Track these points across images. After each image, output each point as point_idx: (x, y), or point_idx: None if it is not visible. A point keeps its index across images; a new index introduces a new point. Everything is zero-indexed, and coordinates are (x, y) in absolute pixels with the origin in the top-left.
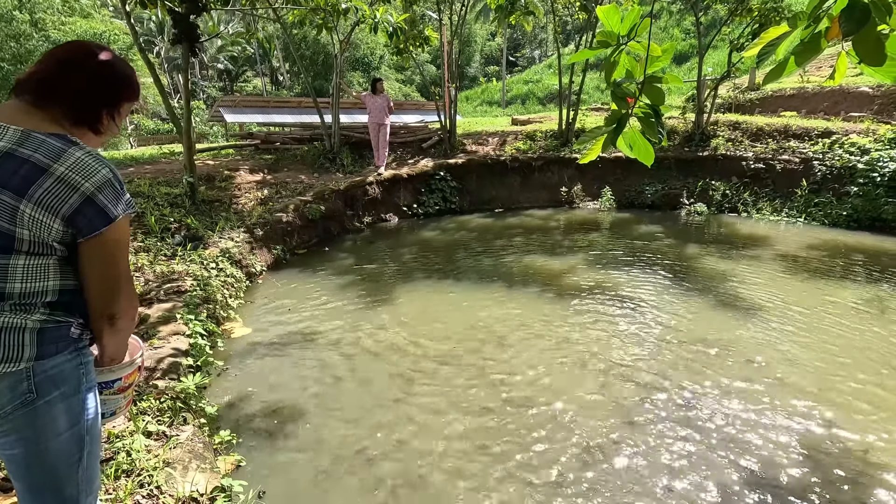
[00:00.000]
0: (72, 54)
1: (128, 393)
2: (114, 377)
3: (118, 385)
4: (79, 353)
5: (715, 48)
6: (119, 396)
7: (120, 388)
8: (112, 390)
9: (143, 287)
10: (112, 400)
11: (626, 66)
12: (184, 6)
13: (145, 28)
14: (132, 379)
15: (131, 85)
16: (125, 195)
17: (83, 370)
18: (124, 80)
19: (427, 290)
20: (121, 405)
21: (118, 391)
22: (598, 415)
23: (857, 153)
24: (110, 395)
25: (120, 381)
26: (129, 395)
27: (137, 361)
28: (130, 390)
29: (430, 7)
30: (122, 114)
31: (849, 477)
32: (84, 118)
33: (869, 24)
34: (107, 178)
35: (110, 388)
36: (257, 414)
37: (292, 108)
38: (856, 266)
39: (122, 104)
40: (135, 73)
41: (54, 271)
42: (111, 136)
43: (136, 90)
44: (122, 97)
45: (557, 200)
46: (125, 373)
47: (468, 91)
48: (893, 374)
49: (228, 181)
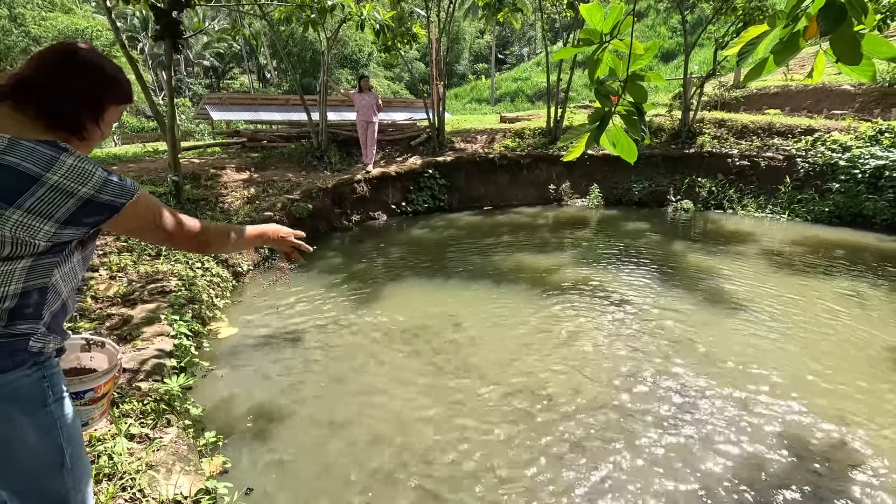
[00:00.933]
0: (49, 55)
1: (101, 403)
2: (83, 388)
3: (89, 396)
4: (40, 366)
5: (701, 46)
6: (91, 407)
7: (91, 399)
8: (83, 401)
9: (127, 287)
10: (84, 410)
11: (609, 63)
12: (166, 1)
13: (129, 24)
14: (105, 389)
15: (117, 87)
16: (125, 182)
17: (47, 383)
18: (108, 82)
19: (416, 289)
20: (93, 416)
21: (89, 402)
22: (583, 409)
23: (838, 150)
24: (81, 405)
25: (91, 391)
26: (102, 405)
27: (110, 374)
28: (104, 400)
29: (417, 4)
30: (109, 118)
31: (829, 467)
32: (64, 123)
33: (845, 24)
34: (103, 180)
35: (81, 398)
36: (244, 414)
37: (280, 105)
38: (837, 261)
39: (106, 108)
40: (122, 73)
41: (20, 275)
42: (98, 141)
43: (124, 92)
44: (106, 100)
45: (546, 198)
46: (96, 384)
47: (457, 88)
48: (872, 364)
49: (214, 180)
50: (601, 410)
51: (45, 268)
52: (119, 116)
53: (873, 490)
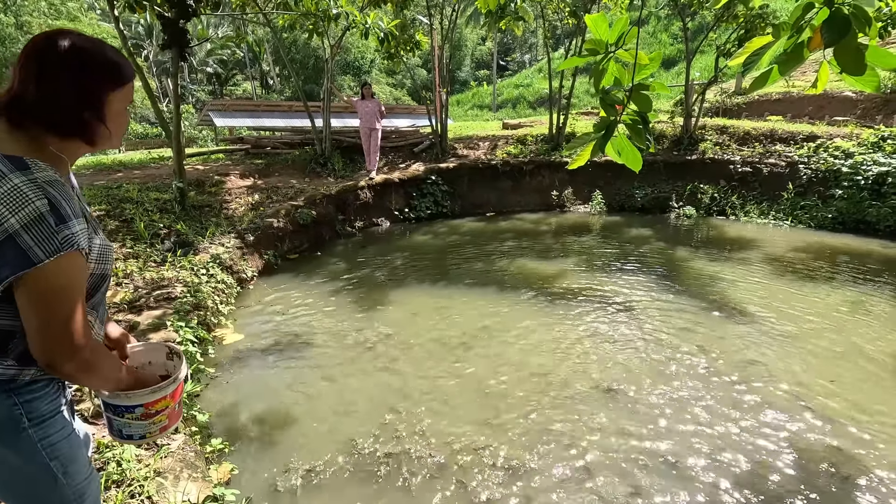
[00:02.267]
0: (28, 50)
1: (158, 419)
2: (130, 403)
3: (140, 412)
4: (11, 393)
5: (702, 53)
6: (144, 423)
7: (144, 415)
8: (134, 415)
9: (133, 294)
10: (138, 424)
11: (614, 73)
12: (173, 11)
13: (133, 31)
14: (160, 406)
15: (109, 70)
16: (63, 231)
17: (19, 410)
18: (99, 68)
19: (419, 295)
20: (151, 430)
21: (142, 417)
22: (586, 416)
23: (841, 157)
24: (133, 419)
25: (141, 407)
26: (160, 420)
27: (163, 391)
28: (162, 416)
29: (420, 12)
30: (115, 110)
31: (832, 474)
32: (61, 127)
33: (849, 35)
34: (36, 214)
35: (132, 412)
36: (250, 421)
37: (283, 111)
38: (841, 268)
39: (104, 97)
40: (111, 51)
41: None
42: (113, 139)
43: (121, 73)
44: (103, 88)
45: (548, 204)
46: (145, 400)
47: (459, 95)
48: (879, 371)
49: (219, 186)
50: (605, 417)
51: (10, 311)
52: (128, 100)
53: (880, 499)
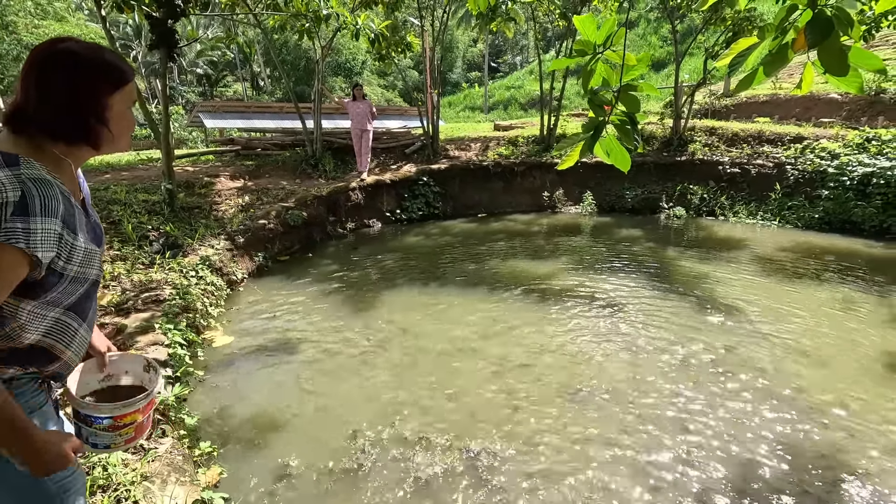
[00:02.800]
0: (30, 59)
1: (125, 431)
2: (100, 415)
3: (107, 423)
4: None
5: (691, 55)
6: (110, 434)
7: (112, 427)
8: (102, 426)
9: (121, 296)
10: (104, 434)
11: (602, 74)
12: (161, 11)
13: (122, 32)
14: (128, 420)
15: (108, 71)
16: (14, 223)
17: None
18: (95, 70)
19: (411, 297)
20: (116, 441)
21: (109, 428)
22: (577, 416)
23: (827, 158)
24: (100, 429)
25: (110, 419)
26: (126, 433)
27: (132, 406)
28: (129, 429)
29: (411, 13)
30: (117, 111)
31: (822, 473)
32: (63, 133)
33: (832, 36)
34: (1, 202)
35: (99, 423)
36: (239, 424)
37: (274, 113)
38: (828, 267)
39: (103, 100)
40: (113, 55)
41: None
42: (118, 141)
43: (120, 74)
44: (101, 91)
45: (540, 205)
46: (115, 413)
47: (451, 96)
48: (865, 369)
49: (208, 187)
50: (594, 416)
51: None
52: (131, 101)
53: (866, 496)
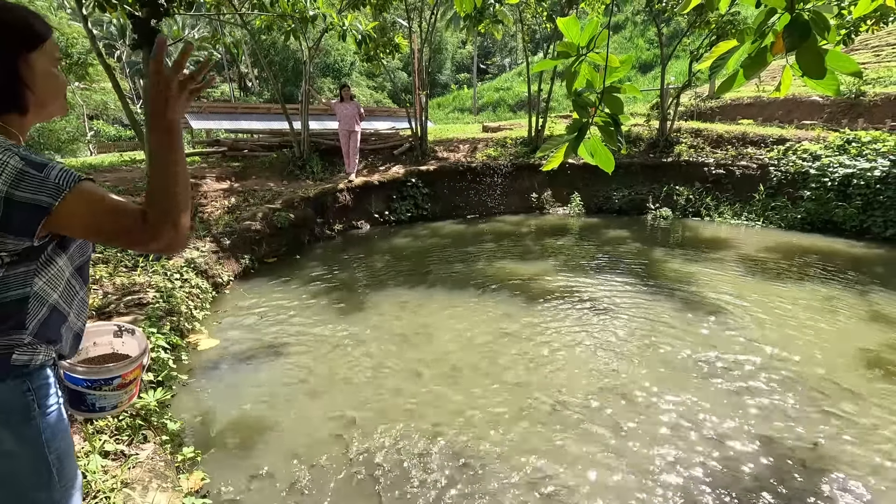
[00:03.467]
0: None
1: (129, 388)
2: (111, 375)
3: (117, 382)
4: (25, 378)
5: (677, 58)
6: (119, 392)
7: (119, 385)
8: (111, 386)
9: (102, 300)
10: (112, 395)
11: (586, 76)
12: (144, 10)
13: (105, 31)
14: (132, 376)
15: (18, 31)
16: (54, 170)
17: (32, 396)
18: (6, 29)
19: (399, 299)
20: (122, 400)
21: (118, 387)
22: (563, 415)
23: (809, 159)
24: (110, 391)
25: (119, 378)
26: (130, 390)
27: (137, 362)
28: (132, 385)
29: (399, 14)
30: (39, 71)
31: (805, 471)
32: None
33: (810, 40)
34: (17, 170)
35: (110, 384)
36: (223, 428)
37: (261, 114)
38: (811, 267)
39: (18, 61)
40: (22, 10)
41: None
42: (50, 104)
43: (32, 32)
44: (13, 51)
45: (528, 206)
46: (123, 371)
47: (440, 98)
48: (847, 367)
49: (194, 189)
50: (581, 416)
51: (21, 277)
52: (53, 59)
53: (848, 493)
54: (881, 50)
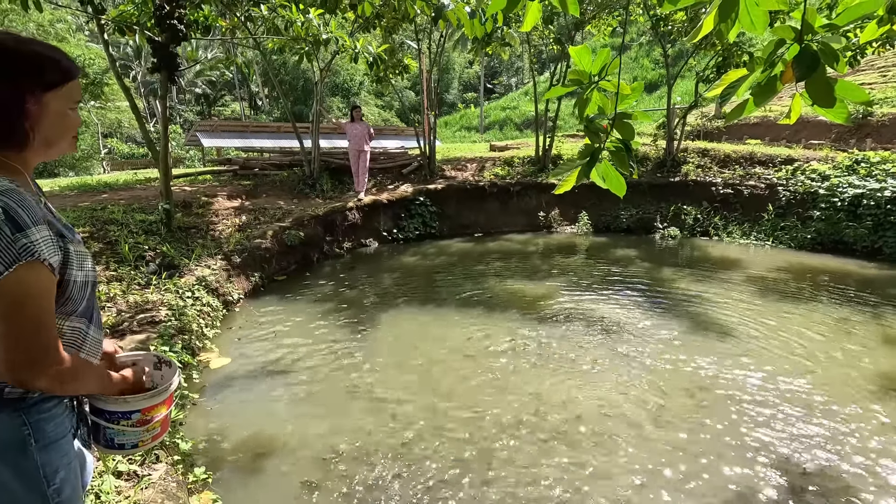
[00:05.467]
0: None
1: (152, 426)
2: (129, 409)
3: (136, 418)
4: (21, 412)
5: (683, 78)
6: (139, 429)
7: (140, 421)
8: (130, 422)
9: (116, 318)
10: (131, 431)
11: (598, 102)
12: (163, 35)
13: (122, 52)
14: (155, 413)
15: (36, 68)
16: (21, 241)
17: (28, 430)
18: (18, 67)
19: (408, 317)
20: (143, 438)
21: (138, 424)
22: (575, 435)
23: (818, 179)
24: (128, 426)
25: (138, 413)
26: (154, 428)
27: (160, 396)
28: (156, 424)
29: (409, 36)
30: (53, 111)
31: (823, 497)
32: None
33: (819, 70)
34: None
35: (128, 418)
36: (234, 448)
37: (271, 132)
38: (822, 288)
39: (27, 100)
40: (47, 48)
41: None
42: (55, 145)
43: (54, 71)
44: (25, 90)
45: (536, 225)
46: (142, 406)
47: (447, 116)
48: (861, 390)
49: (206, 207)
50: (593, 438)
51: None
52: (71, 100)
53: None
54: (888, 70)
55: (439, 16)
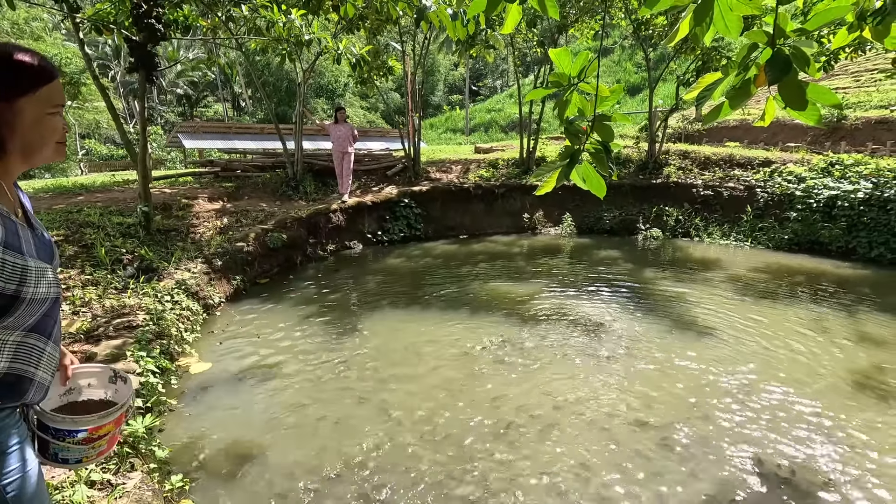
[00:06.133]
0: None
1: (98, 444)
2: (76, 428)
3: (83, 436)
4: None
5: (664, 81)
6: (84, 447)
7: (86, 440)
8: (75, 440)
9: (91, 323)
10: (76, 449)
11: (577, 104)
12: (141, 35)
13: (100, 52)
14: (103, 431)
15: (10, 74)
16: None
17: None
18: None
19: (393, 320)
20: (88, 455)
21: (83, 442)
22: (556, 438)
23: (794, 181)
24: (73, 443)
25: (85, 432)
26: (99, 445)
27: (109, 417)
28: (102, 441)
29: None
30: (30, 117)
31: (798, 491)
32: None
33: (791, 74)
34: None
35: (73, 436)
36: (213, 455)
37: (255, 134)
38: (799, 287)
39: (8, 103)
40: (22, 53)
41: None
42: (37, 152)
43: (29, 76)
44: (4, 94)
45: (520, 227)
46: (89, 426)
47: (432, 118)
48: (838, 387)
49: (186, 210)
50: (572, 439)
51: None
52: (48, 104)
53: None
54: (861, 75)
55: (421, 17)
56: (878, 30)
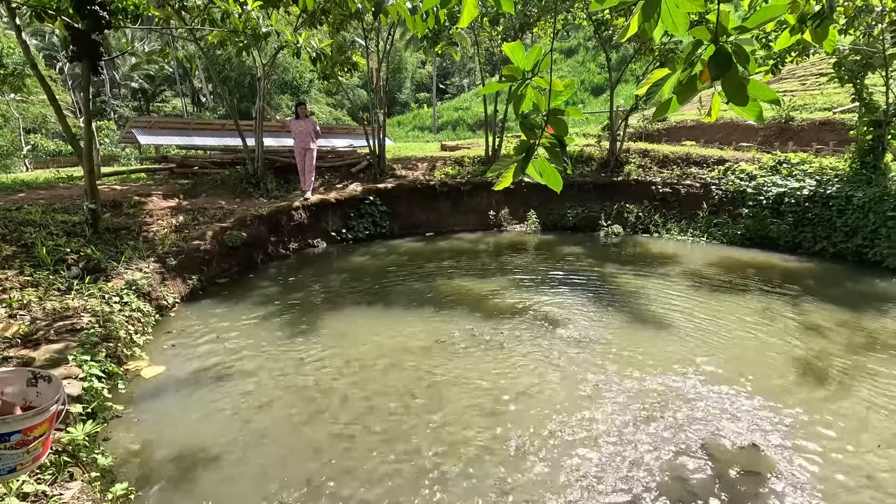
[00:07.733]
0: None
1: (33, 447)
2: (8, 430)
3: (16, 439)
4: None
5: (626, 82)
6: (18, 452)
7: (19, 443)
8: (8, 444)
9: (29, 327)
10: (9, 455)
11: (532, 99)
12: (84, 22)
13: (47, 42)
14: (37, 432)
15: None
16: None
17: None
18: None
19: (355, 318)
20: (23, 461)
21: (17, 445)
22: (518, 427)
23: (746, 179)
24: (6, 449)
25: (18, 434)
26: (35, 449)
27: (43, 415)
28: (37, 444)
29: (358, 34)
30: None
31: (746, 474)
32: None
33: (732, 70)
34: None
35: (6, 440)
36: (162, 461)
37: (215, 130)
38: (749, 279)
39: None
40: None
41: None
42: None
43: None
44: None
45: (486, 224)
46: (23, 426)
47: (400, 116)
48: (784, 373)
49: (138, 207)
50: (532, 428)
51: None
52: None
53: (789, 495)
54: (807, 79)
55: (379, 10)
56: (817, 32)
